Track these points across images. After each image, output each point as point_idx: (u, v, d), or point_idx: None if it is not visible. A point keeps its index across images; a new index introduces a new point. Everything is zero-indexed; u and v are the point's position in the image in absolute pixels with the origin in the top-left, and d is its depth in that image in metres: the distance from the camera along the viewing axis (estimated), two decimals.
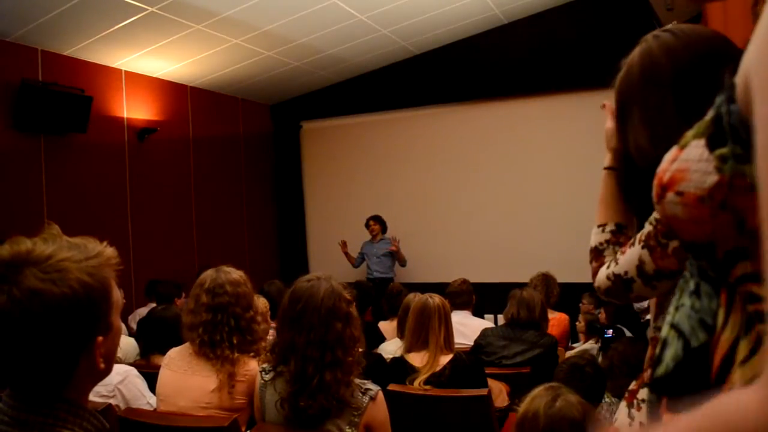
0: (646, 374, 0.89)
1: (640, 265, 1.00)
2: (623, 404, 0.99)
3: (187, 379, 2.37)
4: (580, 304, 5.54)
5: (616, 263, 1.14)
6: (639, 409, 0.86)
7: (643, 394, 0.88)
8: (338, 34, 6.41)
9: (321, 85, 8.01)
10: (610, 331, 4.22)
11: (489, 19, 6.86)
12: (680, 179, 0.65)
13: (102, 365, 1.03)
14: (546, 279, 4.67)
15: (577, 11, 6.70)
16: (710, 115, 0.65)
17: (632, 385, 1.00)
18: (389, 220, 7.58)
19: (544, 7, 6.77)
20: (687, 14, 4.48)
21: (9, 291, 0.89)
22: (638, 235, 1.05)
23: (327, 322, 1.94)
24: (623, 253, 1.15)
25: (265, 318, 3.08)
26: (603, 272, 1.20)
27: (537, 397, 1.73)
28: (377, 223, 7.48)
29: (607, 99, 1.35)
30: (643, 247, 1.00)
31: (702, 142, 0.65)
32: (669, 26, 1.19)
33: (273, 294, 3.81)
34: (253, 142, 8.22)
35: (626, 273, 1.07)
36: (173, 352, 2.50)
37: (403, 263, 7.48)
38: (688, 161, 0.65)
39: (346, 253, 7.66)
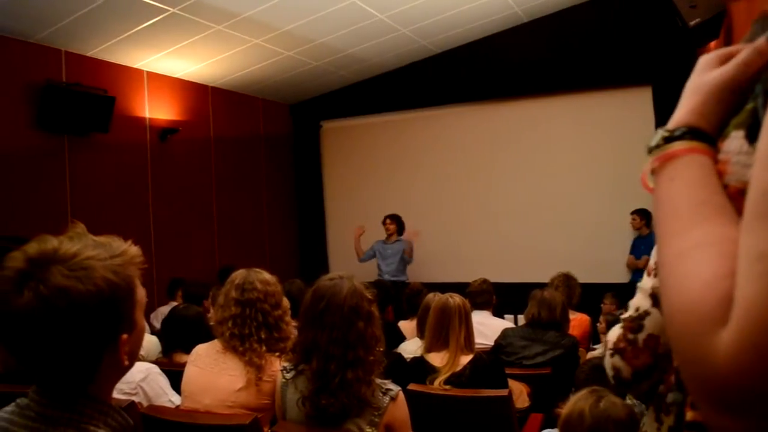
0: (673, 377, 0.88)
1: (617, 374, 0.90)
2: (651, 409, 0.96)
3: (213, 377, 2.39)
4: (602, 305, 5.49)
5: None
6: (668, 413, 0.84)
7: (671, 398, 0.86)
8: (358, 34, 6.42)
9: (340, 84, 8.03)
10: None
11: (509, 18, 6.82)
12: (723, 172, 0.64)
13: (126, 362, 1.04)
14: (567, 279, 4.63)
15: (598, 9, 6.64)
16: (750, 104, 0.64)
17: (659, 389, 0.97)
18: (409, 218, 7.56)
19: (564, 5, 6.71)
20: (710, 11, 4.41)
21: (36, 288, 0.90)
22: (608, 340, 0.91)
23: (349, 321, 1.94)
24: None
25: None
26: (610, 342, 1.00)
27: (581, 399, 1.76)
28: (393, 222, 7.25)
29: (628, 98, 1.29)
30: (612, 355, 0.90)
31: (741, 133, 0.64)
32: None
33: (294, 293, 3.81)
34: (273, 141, 8.25)
35: (610, 376, 0.95)
36: (200, 349, 2.53)
37: (409, 260, 7.27)
38: (729, 153, 0.64)
39: (357, 240, 7.44)
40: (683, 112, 0.70)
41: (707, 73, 0.71)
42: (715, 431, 0.55)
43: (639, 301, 0.83)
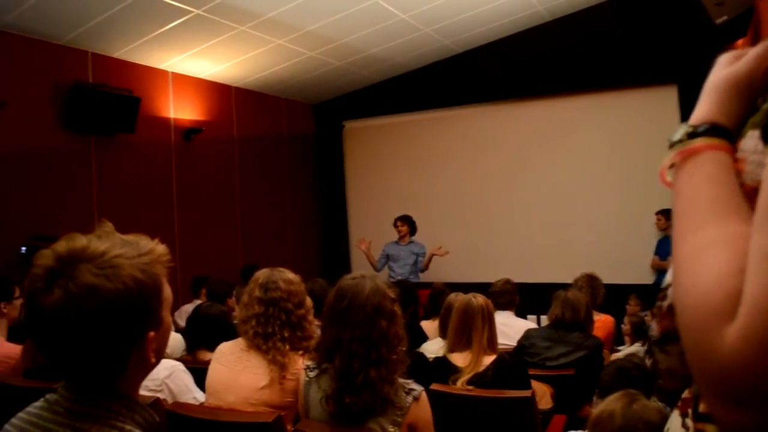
0: None
1: (652, 334, 0.97)
2: (676, 413, 0.95)
3: (237, 374, 2.41)
4: (626, 306, 5.44)
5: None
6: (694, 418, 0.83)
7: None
8: (380, 34, 6.42)
9: (363, 84, 8.04)
10: None
11: (532, 16, 6.78)
12: (740, 171, 0.65)
13: (153, 359, 1.05)
14: (591, 280, 4.57)
15: (622, 7, 6.58)
16: (767, 104, 0.64)
17: (685, 393, 0.96)
18: (431, 218, 7.54)
19: (588, 3, 6.65)
20: (737, 9, 4.34)
21: (65, 286, 0.92)
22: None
23: (372, 319, 1.95)
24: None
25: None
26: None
27: (614, 400, 1.76)
28: (405, 224, 7.07)
29: (653, 97, 1.28)
30: (651, 319, 0.98)
31: (757, 133, 0.65)
32: None
33: (317, 292, 3.82)
34: (296, 141, 8.29)
35: (649, 336, 1.02)
36: (224, 347, 2.55)
37: (422, 269, 7.07)
38: (745, 152, 0.65)
39: (367, 254, 7.21)
40: (705, 108, 0.71)
41: (723, 70, 0.72)
42: (722, 424, 0.56)
43: (668, 275, 0.87)
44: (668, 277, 0.86)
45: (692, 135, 0.68)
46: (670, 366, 0.92)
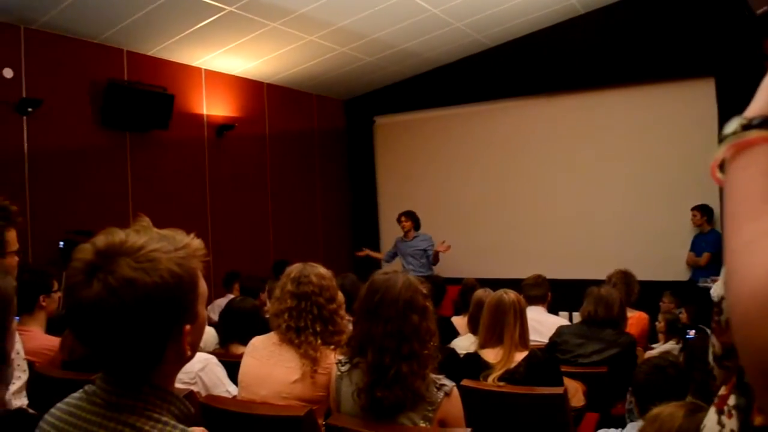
0: (734, 379, 0.85)
1: (714, 351, 0.94)
2: (712, 410, 0.94)
3: (269, 368, 2.43)
4: (661, 303, 5.36)
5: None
6: (730, 416, 0.82)
7: (733, 400, 0.83)
8: (411, 29, 6.41)
9: (394, 79, 8.03)
10: (692, 331, 4.06)
11: (565, 9, 6.70)
12: None
13: (189, 352, 1.06)
14: (626, 276, 4.49)
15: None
16: None
17: (722, 390, 0.95)
18: (462, 214, 7.49)
19: None
20: None
21: (104, 279, 0.93)
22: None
23: (404, 314, 1.95)
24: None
25: None
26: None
27: (675, 405, 1.69)
28: (408, 219, 7.04)
29: (690, 90, 1.26)
30: (710, 333, 0.95)
31: None
32: None
33: (347, 287, 3.83)
34: (327, 137, 8.33)
35: (710, 353, 1.00)
36: (257, 341, 2.57)
37: (433, 263, 6.96)
38: None
39: (368, 255, 7.34)
40: (761, 102, 0.69)
41: None
42: None
43: (719, 287, 0.86)
44: (720, 290, 0.85)
45: (747, 127, 0.66)
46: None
